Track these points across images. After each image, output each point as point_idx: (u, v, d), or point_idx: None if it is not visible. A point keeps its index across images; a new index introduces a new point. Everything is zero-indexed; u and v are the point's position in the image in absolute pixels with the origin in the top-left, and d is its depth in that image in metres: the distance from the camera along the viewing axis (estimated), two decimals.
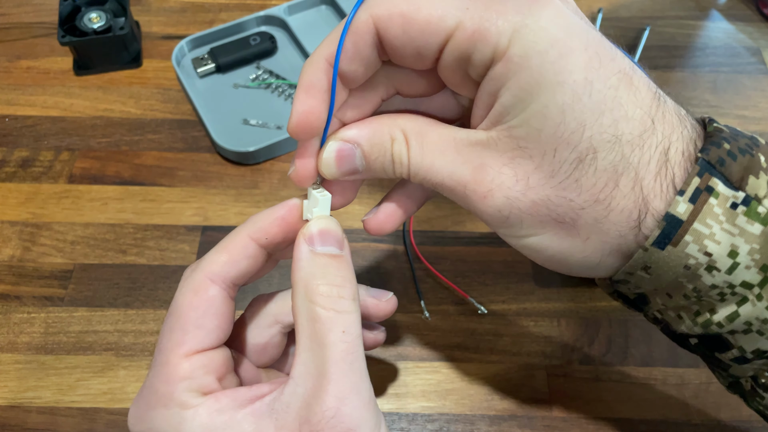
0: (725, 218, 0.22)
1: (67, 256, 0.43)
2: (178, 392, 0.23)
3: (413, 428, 0.37)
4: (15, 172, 0.47)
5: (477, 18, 0.21)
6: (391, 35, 0.22)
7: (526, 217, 0.23)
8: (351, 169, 0.25)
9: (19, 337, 0.40)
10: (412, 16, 0.22)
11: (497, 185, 0.23)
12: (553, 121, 0.21)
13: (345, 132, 0.25)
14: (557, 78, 0.21)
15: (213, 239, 0.44)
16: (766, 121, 0.52)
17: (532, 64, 0.21)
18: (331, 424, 0.22)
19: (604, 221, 0.22)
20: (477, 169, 0.23)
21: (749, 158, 0.22)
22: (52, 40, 0.55)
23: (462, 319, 0.41)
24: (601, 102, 0.21)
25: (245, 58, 0.53)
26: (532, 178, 0.22)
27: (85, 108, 0.51)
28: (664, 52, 0.56)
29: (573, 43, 0.21)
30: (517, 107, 0.21)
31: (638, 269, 0.23)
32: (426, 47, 0.22)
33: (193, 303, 0.25)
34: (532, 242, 0.24)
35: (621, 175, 0.22)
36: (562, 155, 0.22)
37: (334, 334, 0.23)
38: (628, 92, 0.22)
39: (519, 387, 0.39)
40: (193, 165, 0.48)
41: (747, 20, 0.59)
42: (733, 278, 0.22)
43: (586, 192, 0.22)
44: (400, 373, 0.39)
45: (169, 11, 0.58)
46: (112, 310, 0.41)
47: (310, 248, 0.25)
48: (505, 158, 0.22)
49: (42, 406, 0.37)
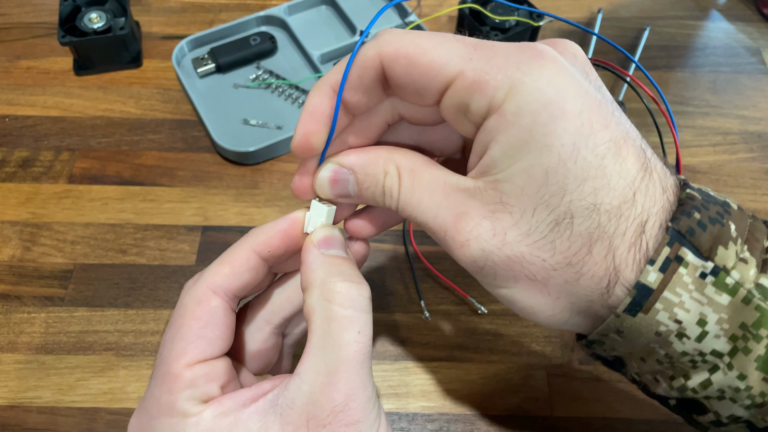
0: (694, 287, 0.22)
1: (67, 256, 0.43)
2: (181, 401, 0.24)
3: (413, 428, 0.37)
4: (15, 172, 0.47)
5: (478, 69, 0.22)
6: (395, 74, 0.23)
7: (500, 270, 0.23)
8: (343, 192, 0.26)
9: (19, 337, 0.40)
10: (417, 60, 0.22)
11: (475, 236, 0.23)
12: (536, 181, 0.22)
13: (342, 157, 0.26)
14: (545, 140, 0.21)
15: (213, 239, 0.44)
16: (766, 121, 0.52)
17: (523, 123, 0.21)
18: (339, 418, 0.23)
19: (575, 284, 0.23)
20: (459, 216, 0.24)
21: (719, 228, 0.22)
22: (53, 40, 0.55)
23: (462, 319, 0.41)
24: (585, 169, 0.22)
25: (245, 58, 0.53)
26: (509, 234, 0.23)
27: (85, 108, 0.51)
28: (664, 52, 0.56)
29: (567, 107, 0.21)
30: (505, 162, 0.22)
31: (611, 332, 0.24)
32: (427, 89, 0.23)
33: (195, 313, 0.25)
34: (504, 293, 0.25)
35: (595, 243, 0.22)
36: (541, 216, 0.22)
37: (350, 334, 0.24)
38: (615, 162, 0.22)
39: (519, 387, 0.39)
40: (193, 165, 0.48)
41: (747, 20, 0.59)
42: (703, 346, 0.23)
43: (560, 254, 0.23)
44: (400, 373, 0.39)
45: (169, 11, 0.58)
46: (112, 310, 0.41)
47: (320, 251, 0.26)
48: (487, 210, 0.23)
49: (42, 406, 0.37)
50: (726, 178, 0.48)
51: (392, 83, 0.24)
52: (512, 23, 0.52)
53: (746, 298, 0.22)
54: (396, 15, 0.56)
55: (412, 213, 0.25)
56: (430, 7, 0.58)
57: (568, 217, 0.22)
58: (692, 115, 0.52)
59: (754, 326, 0.22)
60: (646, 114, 0.36)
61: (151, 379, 0.25)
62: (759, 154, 0.50)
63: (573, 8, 0.59)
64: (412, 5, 0.57)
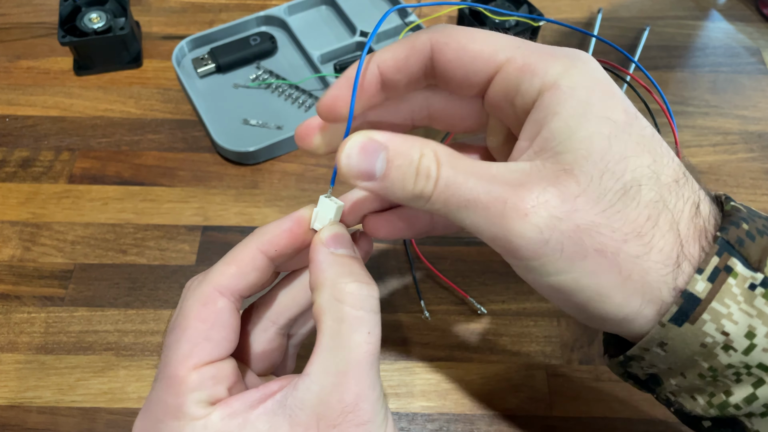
0: (743, 299, 0.22)
1: (67, 256, 0.43)
2: (188, 404, 0.23)
3: (413, 428, 0.37)
4: (15, 172, 0.47)
5: (528, 55, 0.23)
6: (445, 58, 0.24)
7: (567, 242, 0.21)
8: (369, 168, 0.23)
9: (19, 337, 0.40)
10: (468, 45, 0.23)
11: (542, 202, 0.21)
12: (599, 146, 0.22)
13: (375, 132, 0.23)
14: (603, 112, 0.22)
15: (213, 239, 0.44)
16: (766, 121, 0.52)
17: (581, 96, 0.22)
18: (349, 419, 0.23)
19: (645, 259, 0.22)
20: (519, 187, 0.22)
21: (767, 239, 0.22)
22: (53, 40, 0.55)
23: (462, 319, 0.41)
24: (641, 144, 0.22)
25: (245, 58, 0.53)
26: (579, 200, 0.21)
27: (85, 108, 0.51)
28: (664, 52, 0.56)
29: (614, 90, 0.23)
30: (565, 133, 0.22)
31: (654, 345, 0.23)
32: (476, 74, 0.24)
33: (201, 315, 0.25)
34: (567, 280, 0.22)
35: (660, 213, 0.22)
36: (608, 183, 0.22)
37: (360, 335, 0.23)
38: (661, 146, 0.23)
39: (519, 387, 0.39)
40: (193, 165, 0.48)
41: (747, 20, 0.59)
42: (750, 359, 0.22)
43: (630, 224, 0.22)
44: (400, 373, 0.39)
45: (169, 11, 0.58)
46: (112, 310, 0.41)
47: (330, 250, 0.25)
48: (551, 180, 0.22)
49: (42, 406, 0.37)
50: (726, 178, 0.48)
51: (439, 70, 0.24)
52: (512, 23, 0.52)
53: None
54: (396, 15, 0.56)
55: (455, 192, 0.22)
56: (430, 7, 0.58)
57: (635, 185, 0.22)
58: (692, 115, 0.52)
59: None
60: (646, 114, 0.36)
61: (155, 382, 0.25)
62: (759, 154, 0.50)
63: (573, 8, 0.59)
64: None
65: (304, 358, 0.34)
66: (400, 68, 0.24)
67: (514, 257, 0.23)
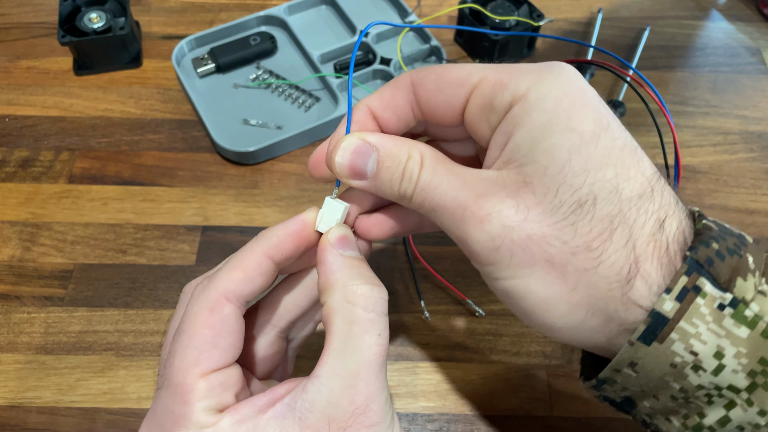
0: (712, 318, 0.22)
1: (67, 256, 0.43)
2: (197, 412, 0.23)
3: (413, 428, 0.37)
4: (15, 172, 0.47)
5: (501, 72, 0.24)
6: (426, 89, 0.25)
7: (517, 251, 0.23)
8: (361, 168, 0.25)
9: (19, 337, 0.40)
10: (444, 73, 0.25)
11: (497, 211, 0.23)
12: (559, 160, 0.22)
13: (368, 134, 0.26)
14: (568, 124, 0.22)
15: (213, 239, 0.44)
16: (766, 121, 0.52)
17: (547, 107, 0.23)
18: (359, 420, 0.23)
19: (593, 273, 0.22)
20: (481, 195, 0.23)
21: (737, 259, 0.22)
22: (52, 40, 0.55)
23: (462, 319, 0.41)
24: (605, 156, 0.22)
25: (245, 58, 0.53)
26: (532, 211, 0.23)
27: (85, 108, 0.51)
28: (664, 52, 0.56)
29: (587, 99, 0.23)
30: (528, 145, 0.23)
31: (625, 366, 0.23)
32: (454, 97, 0.25)
33: (208, 322, 0.24)
34: (516, 285, 0.23)
35: (616, 229, 0.22)
36: (564, 196, 0.22)
37: (371, 337, 0.24)
38: (632, 157, 0.23)
39: (519, 387, 0.39)
40: (193, 165, 0.48)
41: (747, 20, 0.59)
42: (720, 380, 0.22)
43: (581, 237, 0.22)
44: (400, 373, 0.39)
45: (169, 11, 0.58)
46: (112, 310, 0.41)
47: (339, 252, 0.25)
48: (510, 191, 0.23)
49: (42, 406, 0.37)
50: (726, 178, 0.48)
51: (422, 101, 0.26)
52: (512, 23, 0.52)
53: (765, 331, 0.21)
54: (396, 15, 0.56)
55: (428, 195, 0.24)
56: (430, 7, 0.58)
57: (591, 199, 0.22)
58: (692, 115, 0.52)
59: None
60: (646, 114, 0.36)
61: (160, 390, 0.25)
62: (759, 154, 0.49)
63: (573, 8, 0.59)
64: (412, 5, 0.57)
65: (303, 359, 0.34)
66: (387, 105, 0.26)
67: (472, 260, 0.25)
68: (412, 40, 0.55)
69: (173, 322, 0.27)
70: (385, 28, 0.54)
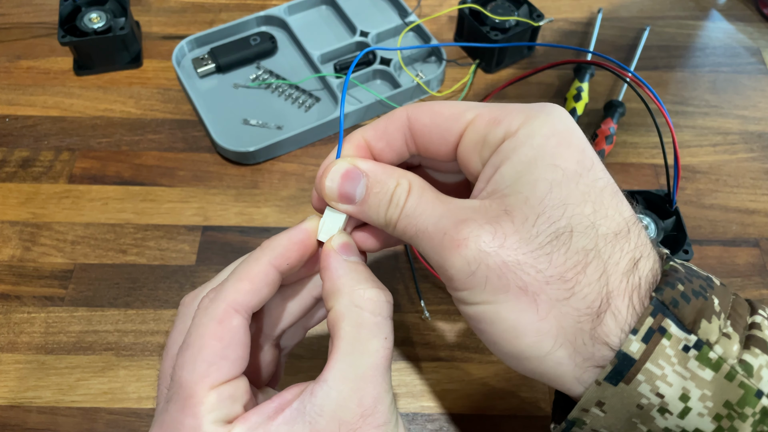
0: (677, 360, 0.22)
1: (67, 256, 0.43)
2: (207, 425, 0.23)
3: (413, 428, 0.37)
4: (15, 172, 0.47)
5: (495, 111, 0.25)
6: (421, 123, 0.26)
7: (492, 276, 0.23)
8: (350, 192, 0.26)
9: (19, 337, 0.40)
10: (440, 110, 0.26)
11: (474, 236, 0.23)
12: (540, 192, 0.23)
13: (359, 161, 0.26)
14: (553, 160, 0.23)
15: (213, 239, 0.44)
16: (766, 121, 0.52)
17: (535, 143, 0.23)
18: (368, 422, 0.23)
19: (565, 304, 0.23)
20: (460, 221, 0.24)
21: (702, 301, 0.22)
22: (53, 40, 0.55)
23: (462, 319, 0.41)
24: (586, 193, 0.23)
25: (245, 58, 0.53)
26: (509, 239, 0.23)
27: (85, 108, 0.51)
28: (664, 52, 0.56)
29: (573, 140, 0.24)
30: (513, 177, 0.24)
31: (593, 405, 0.23)
32: (449, 132, 0.26)
33: (217, 334, 0.24)
34: (487, 310, 0.24)
35: (590, 263, 0.23)
36: (542, 226, 0.23)
37: (378, 341, 0.24)
38: (612, 198, 0.24)
39: (519, 387, 0.39)
40: (193, 165, 0.48)
41: (747, 20, 0.59)
42: (686, 424, 0.22)
43: (555, 267, 0.22)
44: (400, 373, 0.39)
45: (169, 11, 0.58)
46: (112, 310, 0.41)
47: (343, 257, 0.26)
48: (490, 218, 0.23)
49: (42, 406, 0.37)
50: (726, 178, 0.48)
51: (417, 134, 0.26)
52: (512, 23, 0.52)
53: (730, 374, 0.21)
54: (396, 15, 0.56)
55: (411, 221, 0.25)
56: (430, 7, 0.58)
57: (567, 231, 0.23)
58: (692, 115, 0.52)
59: (738, 404, 0.21)
60: (647, 114, 0.36)
61: (169, 403, 0.24)
62: (759, 154, 0.50)
63: (573, 8, 0.59)
64: (412, 5, 0.57)
65: (303, 359, 0.34)
66: (381, 137, 0.27)
67: (448, 286, 0.25)
68: (412, 41, 0.55)
69: (174, 334, 0.27)
70: (385, 28, 0.54)
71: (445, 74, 0.53)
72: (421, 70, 0.53)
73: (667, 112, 0.31)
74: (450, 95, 0.52)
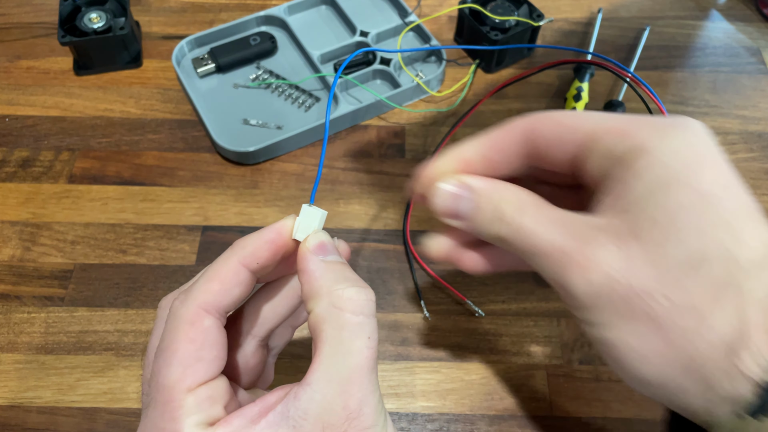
0: None
1: (67, 256, 0.43)
2: (188, 428, 0.23)
3: (413, 428, 0.37)
4: (15, 172, 0.47)
5: (625, 122, 0.24)
6: (544, 134, 0.25)
7: (619, 301, 0.22)
8: (457, 211, 0.26)
9: (19, 337, 0.40)
10: (563, 121, 0.25)
11: (602, 259, 0.22)
12: (672, 215, 0.22)
13: (466, 177, 0.26)
14: (689, 180, 0.22)
15: (213, 239, 0.44)
16: (766, 121, 0.52)
17: (670, 162, 0.22)
18: (354, 424, 0.23)
19: (694, 333, 0.21)
20: (584, 241, 0.23)
21: None
22: (52, 40, 0.55)
23: (462, 319, 0.41)
24: (722, 217, 0.22)
25: (245, 58, 0.53)
26: (638, 263, 0.22)
27: (85, 108, 0.51)
28: (664, 52, 0.56)
29: (710, 159, 0.23)
30: (645, 197, 0.22)
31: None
32: (572, 143, 0.25)
33: (190, 335, 0.24)
34: (612, 335, 0.23)
35: (725, 293, 0.21)
36: (672, 252, 0.22)
37: (361, 341, 0.23)
38: (750, 222, 0.22)
39: (519, 387, 0.39)
40: (193, 165, 0.48)
41: (747, 20, 0.59)
42: None
43: (685, 296, 0.21)
44: (400, 373, 0.39)
45: (169, 11, 0.58)
46: (112, 310, 0.41)
47: (320, 258, 0.25)
48: (617, 240, 0.22)
49: (42, 406, 0.37)
50: None
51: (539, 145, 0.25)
52: (512, 23, 0.52)
53: None
54: (396, 15, 0.56)
55: (526, 236, 0.24)
56: (430, 7, 0.58)
57: (701, 259, 0.21)
58: (692, 115, 0.51)
59: None
60: (646, 114, 0.36)
61: (147, 409, 0.24)
62: (759, 154, 0.50)
63: (573, 8, 0.59)
64: (412, 5, 0.57)
65: (304, 360, 0.34)
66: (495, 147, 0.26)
67: (569, 305, 0.24)
68: (412, 41, 0.55)
69: (152, 339, 0.26)
70: (384, 28, 0.54)
71: (445, 74, 0.53)
72: (421, 70, 0.53)
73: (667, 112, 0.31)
74: (450, 95, 0.52)
